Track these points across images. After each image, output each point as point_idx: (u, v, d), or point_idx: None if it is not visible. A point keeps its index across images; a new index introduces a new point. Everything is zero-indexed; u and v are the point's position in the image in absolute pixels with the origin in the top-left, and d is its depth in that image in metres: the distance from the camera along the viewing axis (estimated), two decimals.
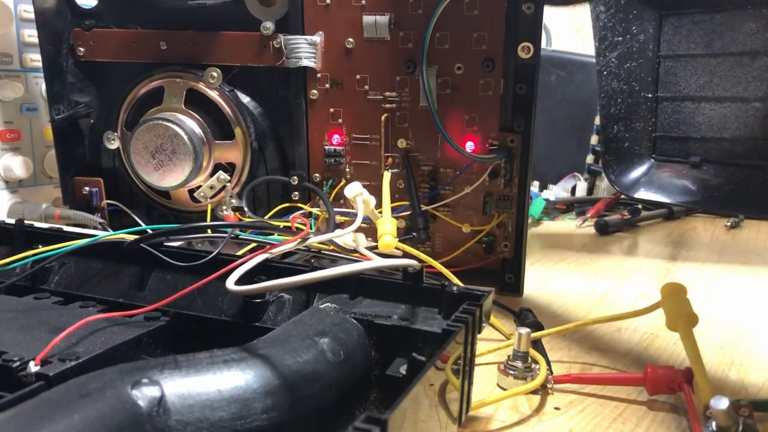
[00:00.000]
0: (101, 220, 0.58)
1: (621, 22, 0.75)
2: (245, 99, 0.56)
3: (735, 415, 0.29)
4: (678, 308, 0.37)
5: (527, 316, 0.45)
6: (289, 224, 0.41)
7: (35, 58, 0.63)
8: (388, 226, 0.44)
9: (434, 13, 0.49)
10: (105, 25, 0.58)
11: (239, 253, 0.41)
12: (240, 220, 0.54)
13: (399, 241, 0.44)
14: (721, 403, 0.28)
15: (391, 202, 0.51)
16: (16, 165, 0.62)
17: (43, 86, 0.64)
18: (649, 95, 0.92)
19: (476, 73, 0.51)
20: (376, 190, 0.53)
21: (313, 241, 0.38)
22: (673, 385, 0.34)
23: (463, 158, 0.52)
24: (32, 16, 0.62)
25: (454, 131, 0.52)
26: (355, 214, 0.43)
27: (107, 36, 0.58)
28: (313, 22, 0.53)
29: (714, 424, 0.29)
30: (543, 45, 0.55)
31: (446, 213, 0.54)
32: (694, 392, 0.33)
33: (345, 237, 0.40)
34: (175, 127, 0.53)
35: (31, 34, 0.63)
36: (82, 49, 0.58)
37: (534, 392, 0.36)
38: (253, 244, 0.42)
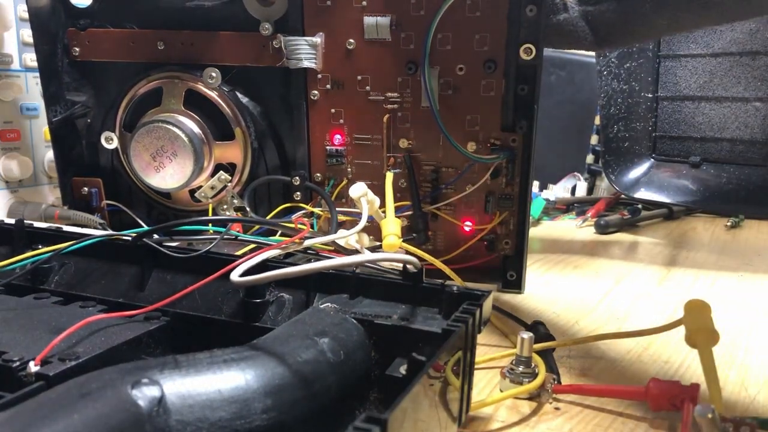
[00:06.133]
0: (101, 220, 0.58)
1: None
2: (245, 99, 0.56)
3: (721, 425, 0.28)
4: (700, 325, 0.36)
5: (539, 329, 0.44)
6: (291, 223, 0.41)
7: (35, 59, 0.63)
8: (392, 227, 0.44)
9: (436, 15, 0.49)
10: (100, 25, 0.58)
11: (239, 253, 0.41)
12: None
13: (402, 241, 0.44)
14: (706, 412, 0.27)
15: (394, 203, 0.51)
16: (16, 165, 0.62)
17: None
18: (649, 95, 0.92)
19: (478, 74, 0.51)
20: (378, 190, 0.53)
21: (316, 241, 0.38)
22: (676, 401, 0.33)
23: (464, 158, 0.52)
24: None
25: (456, 131, 0.52)
26: (357, 214, 0.43)
27: (103, 36, 0.57)
28: (313, 22, 0.53)
29: None
30: None
31: (448, 212, 0.54)
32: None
33: (349, 238, 0.40)
34: (174, 128, 0.53)
35: (30, 35, 0.62)
36: (77, 49, 0.58)
37: (535, 397, 0.36)
38: (252, 245, 0.42)
